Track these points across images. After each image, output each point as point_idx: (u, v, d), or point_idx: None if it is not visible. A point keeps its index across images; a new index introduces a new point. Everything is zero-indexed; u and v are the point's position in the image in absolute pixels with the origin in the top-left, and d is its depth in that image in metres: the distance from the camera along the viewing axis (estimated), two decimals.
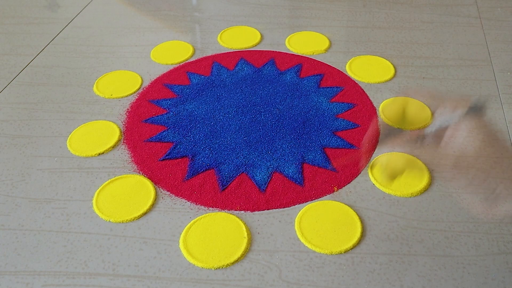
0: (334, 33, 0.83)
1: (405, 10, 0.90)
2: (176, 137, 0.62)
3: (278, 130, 0.63)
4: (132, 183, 0.56)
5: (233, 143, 0.61)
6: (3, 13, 0.94)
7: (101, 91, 0.71)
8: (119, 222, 0.52)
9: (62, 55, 0.80)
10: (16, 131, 0.64)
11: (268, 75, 0.73)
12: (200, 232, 0.50)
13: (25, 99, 0.70)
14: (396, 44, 0.80)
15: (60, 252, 0.49)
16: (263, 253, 0.48)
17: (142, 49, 0.81)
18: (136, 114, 0.67)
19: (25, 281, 0.46)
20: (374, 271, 0.46)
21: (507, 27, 0.84)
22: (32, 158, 0.60)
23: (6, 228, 0.51)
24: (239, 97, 0.69)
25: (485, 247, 0.48)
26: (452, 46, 0.79)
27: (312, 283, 0.45)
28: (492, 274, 0.45)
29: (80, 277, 0.46)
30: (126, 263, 0.48)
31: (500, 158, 0.60)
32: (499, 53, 0.77)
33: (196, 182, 0.56)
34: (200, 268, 0.47)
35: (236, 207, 0.53)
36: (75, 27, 0.88)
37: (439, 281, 0.45)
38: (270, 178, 0.56)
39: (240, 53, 0.79)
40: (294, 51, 0.79)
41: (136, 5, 0.95)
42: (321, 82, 0.72)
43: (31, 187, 0.56)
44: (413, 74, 0.73)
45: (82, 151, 0.60)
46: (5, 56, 0.80)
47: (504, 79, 0.72)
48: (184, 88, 0.71)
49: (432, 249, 0.48)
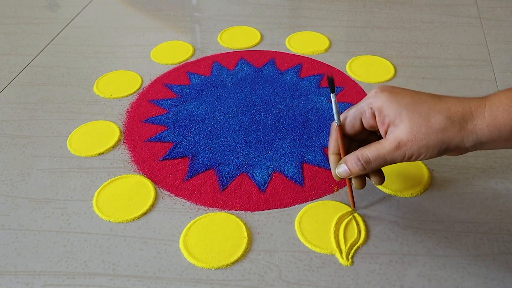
0: (334, 33, 0.83)
1: (405, 10, 0.90)
2: (176, 137, 0.62)
3: (278, 130, 0.63)
4: (132, 183, 0.56)
5: (233, 143, 0.61)
6: (3, 13, 0.94)
7: (101, 91, 0.71)
8: (119, 222, 0.52)
9: (62, 55, 0.80)
10: (16, 131, 0.64)
11: (268, 75, 0.73)
12: (200, 232, 0.50)
13: (25, 99, 0.70)
14: (396, 44, 0.80)
15: (60, 252, 0.49)
16: (263, 253, 0.48)
17: (142, 49, 0.81)
18: (136, 114, 0.67)
19: (25, 281, 0.46)
20: (374, 271, 0.46)
21: (507, 27, 0.84)
22: (32, 158, 0.60)
23: (6, 228, 0.51)
24: (239, 97, 0.69)
25: (485, 247, 0.48)
26: (452, 46, 0.79)
27: (312, 283, 0.45)
28: (492, 274, 0.45)
29: (80, 277, 0.46)
30: (126, 263, 0.48)
31: (500, 158, 0.60)
32: (499, 53, 0.77)
33: (196, 182, 0.56)
34: (200, 268, 0.47)
35: (236, 207, 0.53)
36: (75, 27, 0.88)
37: (439, 281, 0.45)
38: (270, 178, 0.56)
39: (240, 53, 0.79)
40: (294, 51, 0.79)
41: (136, 5, 0.95)
42: (321, 82, 0.72)
43: (31, 187, 0.56)
44: (413, 74, 0.73)
45: (82, 151, 0.61)
46: (5, 56, 0.80)
47: (504, 79, 0.72)
48: (184, 88, 0.71)
49: (432, 249, 0.48)
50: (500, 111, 0.39)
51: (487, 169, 0.57)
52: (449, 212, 0.52)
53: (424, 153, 0.41)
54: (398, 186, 0.54)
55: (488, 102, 0.40)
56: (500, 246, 0.48)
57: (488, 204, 0.52)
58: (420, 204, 0.53)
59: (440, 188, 0.54)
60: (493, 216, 0.51)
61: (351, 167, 0.46)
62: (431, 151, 0.41)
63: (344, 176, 0.47)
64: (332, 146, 0.48)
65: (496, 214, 0.51)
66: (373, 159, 0.44)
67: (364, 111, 0.45)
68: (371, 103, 0.44)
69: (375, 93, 0.44)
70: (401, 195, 0.53)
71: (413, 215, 0.51)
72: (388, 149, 0.42)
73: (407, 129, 0.41)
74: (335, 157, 0.48)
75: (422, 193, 0.54)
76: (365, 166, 0.44)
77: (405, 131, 0.41)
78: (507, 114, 0.39)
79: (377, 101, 0.43)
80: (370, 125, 0.45)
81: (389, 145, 0.42)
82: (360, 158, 0.44)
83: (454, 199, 0.53)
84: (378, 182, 0.48)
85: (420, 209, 0.52)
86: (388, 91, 0.44)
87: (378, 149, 0.43)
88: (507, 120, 0.39)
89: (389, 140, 0.42)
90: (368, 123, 0.45)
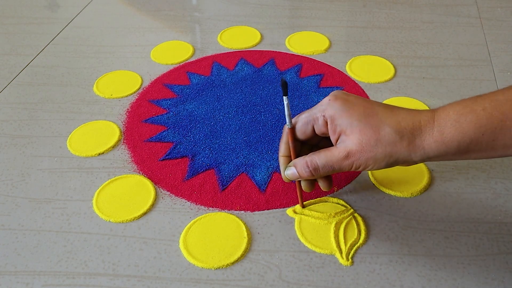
0: (334, 33, 0.83)
1: (405, 10, 0.90)
2: (176, 137, 0.62)
3: (278, 130, 0.63)
4: (132, 183, 0.56)
5: (233, 143, 0.61)
6: (3, 13, 0.94)
7: (101, 91, 0.71)
8: (119, 222, 0.52)
9: (62, 55, 0.80)
10: (16, 131, 0.64)
11: (268, 75, 0.73)
12: (200, 232, 0.50)
13: (25, 99, 0.70)
14: (396, 44, 0.80)
15: (60, 252, 0.49)
16: (263, 253, 0.48)
17: (142, 49, 0.81)
18: (136, 114, 0.67)
19: (25, 281, 0.46)
20: (374, 271, 0.46)
21: (507, 27, 0.84)
22: (32, 158, 0.60)
23: (6, 228, 0.51)
24: (239, 97, 0.69)
25: (485, 247, 0.48)
26: (452, 46, 0.79)
27: (312, 283, 0.45)
28: (492, 274, 0.45)
29: (80, 277, 0.46)
30: (126, 263, 0.48)
31: (500, 158, 0.60)
32: (499, 53, 0.77)
33: (196, 182, 0.56)
34: (200, 268, 0.47)
35: (236, 207, 0.53)
36: (75, 27, 0.88)
37: (439, 281, 0.45)
38: (270, 178, 0.56)
39: (240, 53, 0.79)
40: (294, 51, 0.79)
41: (136, 5, 0.95)
42: (321, 82, 0.72)
43: (31, 187, 0.56)
44: (413, 74, 0.73)
45: (82, 151, 0.61)
46: (5, 56, 0.80)
47: (504, 79, 0.72)
48: (184, 88, 0.71)
49: (432, 249, 0.48)
50: (448, 127, 0.40)
51: (487, 169, 0.57)
52: (449, 212, 0.52)
53: (372, 165, 0.42)
54: (398, 186, 0.54)
55: (437, 117, 0.41)
56: (500, 246, 0.48)
57: (488, 204, 0.52)
58: (420, 204, 0.53)
59: (440, 188, 0.54)
60: (493, 216, 0.51)
61: (300, 172, 0.46)
62: (379, 163, 0.42)
63: (292, 178, 0.48)
64: (283, 148, 0.49)
65: (496, 214, 0.51)
66: (321, 166, 0.45)
67: (317, 118, 0.45)
68: (324, 110, 0.44)
69: (328, 100, 0.45)
70: (401, 195, 0.53)
71: (413, 215, 0.51)
72: (337, 158, 0.43)
73: (357, 141, 0.42)
74: (285, 159, 0.49)
75: (422, 193, 0.54)
76: (313, 172, 0.45)
77: (355, 142, 0.42)
78: (454, 129, 0.40)
79: (330, 109, 0.44)
80: (321, 132, 0.46)
81: (339, 154, 0.43)
82: (309, 165, 0.45)
83: (454, 199, 0.53)
84: (326, 188, 0.49)
85: (420, 209, 0.52)
86: (342, 99, 0.44)
87: (327, 156, 0.44)
88: (454, 135, 0.40)
89: (339, 149, 0.43)
90: (320, 130, 0.46)
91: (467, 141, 0.40)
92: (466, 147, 0.40)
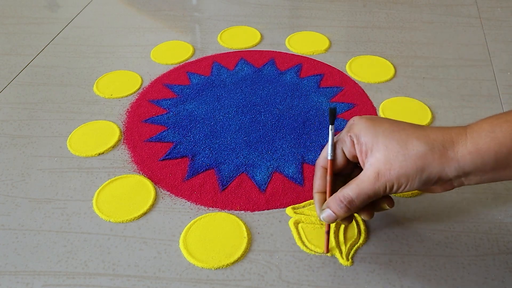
0: (334, 33, 0.83)
1: (405, 10, 0.90)
2: (176, 137, 0.62)
3: (278, 130, 0.63)
4: (132, 183, 0.56)
5: (233, 143, 0.61)
6: (3, 13, 0.94)
7: (101, 91, 0.71)
8: (119, 222, 0.52)
9: (62, 55, 0.80)
10: (16, 131, 0.64)
11: (268, 75, 0.73)
12: (200, 232, 0.50)
13: (25, 99, 0.70)
14: (396, 44, 0.80)
15: (60, 252, 0.49)
16: (263, 253, 0.48)
17: (142, 49, 0.81)
18: (136, 114, 0.67)
19: (25, 281, 0.46)
20: (374, 271, 0.46)
21: (507, 27, 0.84)
22: (32, 158, 0.60)
23: (6, 228, 0.51)
24: (239, 97, 0.69)
25: (485, 247, 0.48)
26: (452, 46, 0.79)
27: (312, 283, 0.45)
28: (492, 274, 0.45)
29: (80, 277, 0.46)
30: (126, 263, 0.48)
31: None
32: (499, 53, 0.77)
33: (196, 182, 0.56)
34: (200, 268, 0.47)
35: (236, 207, 0.53)
36: (75, 27, 0.88)
37: (439, 281, 0.45)
38: (270, 178, 0.56)
39: (240, 53, 0.79)
40: (294, 51, 0.79)
41: (136, 5, 0.95)
42: (321, 82, 0.72)
43: (31, 187, 0.56)
44: (413, 74, 0.73)
45: (82, 151, 0.61)
46: (5, 56, 0.80)
47: (504, 79, 0.72)
48: (184, 88, 0.71)
49: (432, 249, 0.48)
50: (482, 137, 0.37)
51: None
52: (449, 212, 0.52)
53: (405, 183, 0.39)
54: None
55: (469, 130, 0.38)
56: (500, 246, 0.48)
57: (488, 204, 0.52)
58: (420, 204, 0.53)
59: None
60: (493, 216, 0.51)
61: (336, 211, 0.43)
62: (411, 181, 0.39)
63: (331, 221, 0.44)
64: (317, 184, 0.45)
65: (496, 214, 0.51)
66: (355, 197, 0.41)
67: (345, 140, 0.43)
68: (350, 130, 0.43)
69: (353, 121, 0.43)
70: (401, 195, 0.53)
71: (413, 215, 0.51)
72: (368, 183, 0.40)
73: (383, 158, 0.39)
74: (320, 195, 0.45)
75: (422, 193, 0.54)
76: (349, 206, 0.42)
77: (381, 159, 0.39)
78: (489, 139, 0.37)
79: (355, 128, 0.42)
80: (352, 155, 0.43)
81: (368, 178, 0.40)
82: (342, 200, 0.42)
83: (454, 199, 0.53)
84: (368, 218, 0.45)
85: (420, 209, 0.52)
86: (366, 118, 0.42)
87: (358, 184, 0.41)
88: (490, 146, 0.37)
89: (367, 172, 0.40)
90: (350, 152, 0.43)
91: (505, 151, 0.36)
92: (505, 159, 0.37)
